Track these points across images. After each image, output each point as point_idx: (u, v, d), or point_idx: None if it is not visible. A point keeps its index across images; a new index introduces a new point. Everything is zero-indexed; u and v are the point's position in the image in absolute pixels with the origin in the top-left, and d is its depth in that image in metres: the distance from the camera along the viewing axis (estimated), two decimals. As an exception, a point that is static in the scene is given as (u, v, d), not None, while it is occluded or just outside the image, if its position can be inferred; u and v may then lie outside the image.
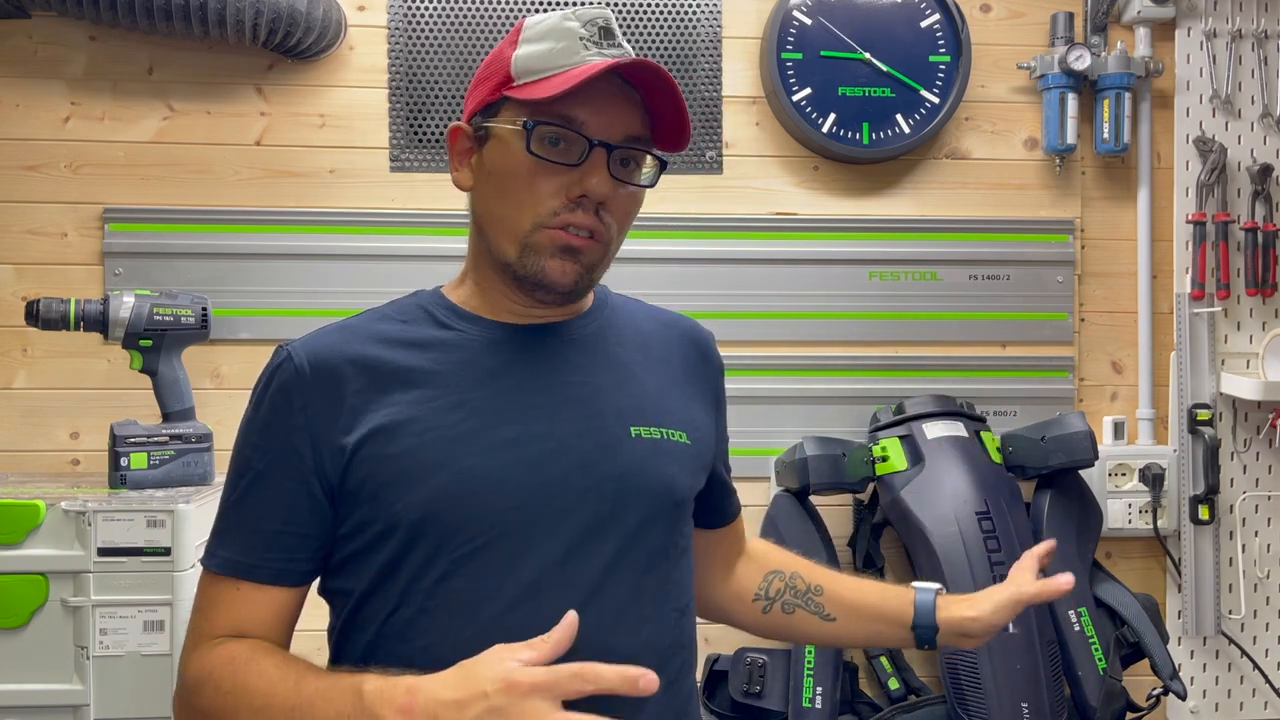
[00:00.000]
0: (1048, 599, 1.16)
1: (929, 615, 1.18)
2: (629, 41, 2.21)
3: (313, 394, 1.01)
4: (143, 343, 1.90)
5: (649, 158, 1.05)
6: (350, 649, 1.02)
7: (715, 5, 2.26)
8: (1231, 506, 2.34)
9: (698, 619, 1.24)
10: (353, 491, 0.99)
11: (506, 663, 0.81)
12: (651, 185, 1.07)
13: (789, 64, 2.22)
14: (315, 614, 1.06)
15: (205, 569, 1.03)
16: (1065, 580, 1.14)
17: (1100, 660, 2.05)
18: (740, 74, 2.29)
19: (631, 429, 1.04)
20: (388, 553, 0.98)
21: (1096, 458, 2.13)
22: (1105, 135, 2.29)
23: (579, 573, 0.98)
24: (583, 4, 2.23)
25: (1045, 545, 1.22)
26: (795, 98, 2.22)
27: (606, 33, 1.02)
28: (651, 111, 1.04)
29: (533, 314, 1.08)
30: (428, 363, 1.03)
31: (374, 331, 1.06)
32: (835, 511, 2.25)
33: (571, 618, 0.84)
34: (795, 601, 1.23)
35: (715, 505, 1.23)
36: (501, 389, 1.02)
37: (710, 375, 1.20)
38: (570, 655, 0.95)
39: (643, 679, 0.80)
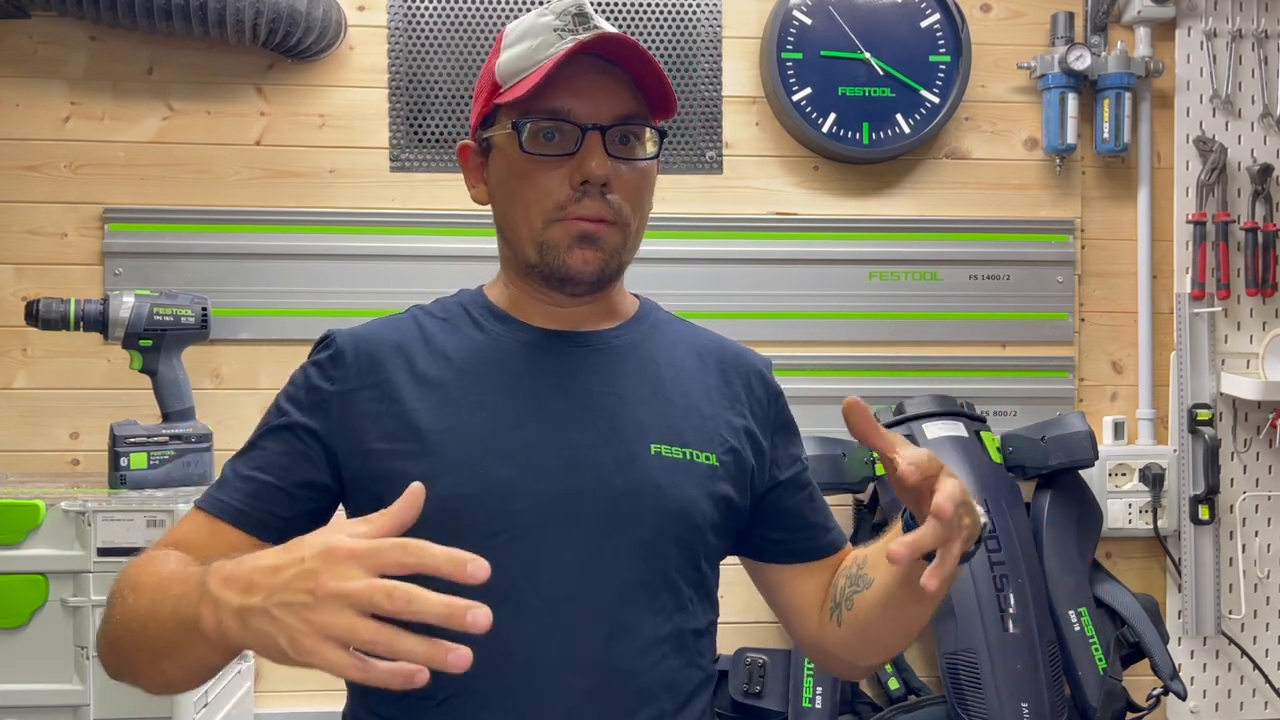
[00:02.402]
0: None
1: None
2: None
3: (349, 372, 1.03)
4: (143, 343, 1.90)
5: (648, 131, 1.05)
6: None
7: (715, 5, 2.26)
8: (1231, 506, 2.34)
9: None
10: (372, 480, 1.00)
11: (335, 534, 0.74)
12: (654, 158, 1.06)
13: (789, 64, 2.22)
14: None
15: (195, 505, 1.03)
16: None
17: (1100, 660, 2.05)
18: (740, 74, 2.29)
19: (652, 446, 1.02)
20: None
21: (1096, 458, 2.13)
22: (1105, 135, 2.29)
23: (590, 585, 0.98)
24: None
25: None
26: (795, 98, 2.22)
27: (581, 18, 1.02)
28: (641, 84, 1.03)
29: (566, 315, 1.08)
30: (459, 362, 1.04)
31: (415, 327, 1.08)
32: (835, 511, 2.19)
33: (417, 489, 0.76)
34: (850, 589, 1.07)
35: (793, 542, 1.15)
36: (525, 392, 1.03)
37: (758, 399, 1.14)
38: (576, 671, 0.95)
39: (471, 564, 0.70)
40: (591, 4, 2.21)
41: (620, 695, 0.98)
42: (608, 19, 2.22)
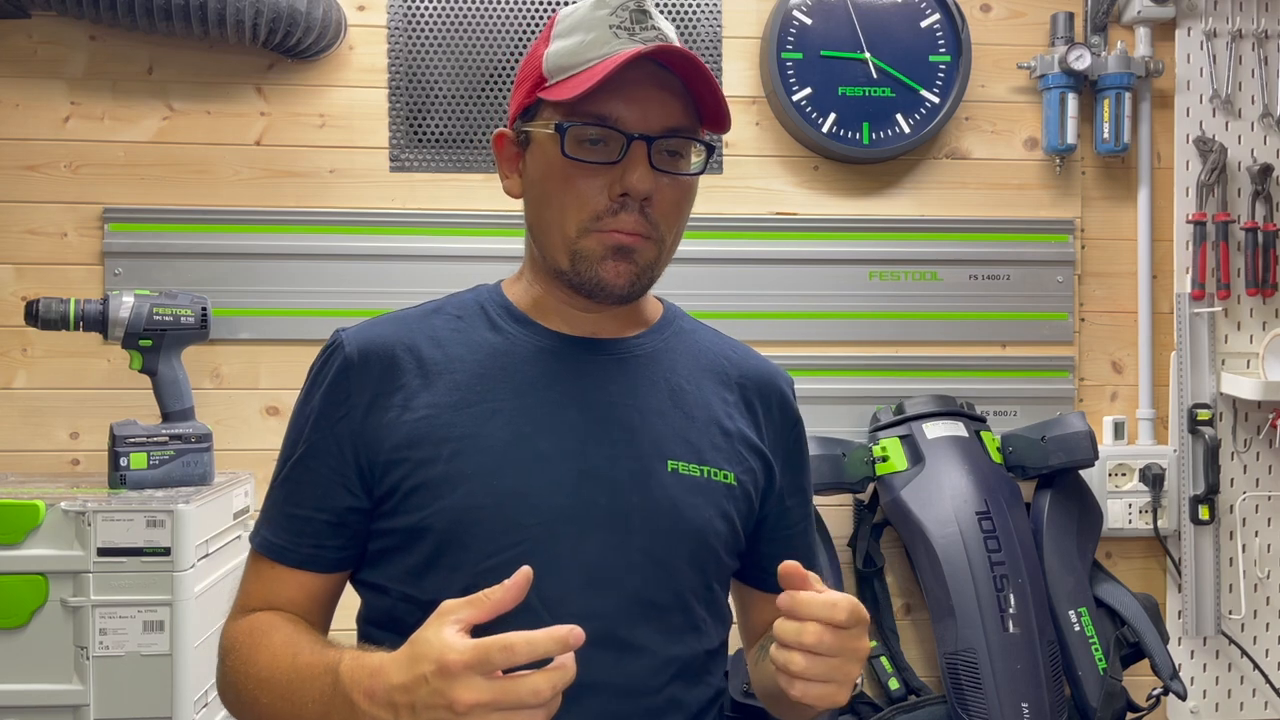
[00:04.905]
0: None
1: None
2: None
3: (362, 383, 1.00)
4: (142, 343, 1.89)
5: (695, 144, 1.00)
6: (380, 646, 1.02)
7: (715, 5, 2.26)
8: (1231, 506, 2.34)
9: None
10: (389, 490, 0.99)
11: (443, 635, 0.77)
12: (700, 173, 1.02)
13: (789, 64, 2.22)
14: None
15: (250, 544, 1.05)
16: None
17: (1100, 660, 2.05)
18: (740, 74, 2.29)
19: (669, 463, 1.00)
20: (417, 556, 0.98)
21: (1096, 458, 2.13)
22: (1105, 135, 2.29)
23: (601, 602, 0.96)
24: None
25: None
26: (795, 98, 2.22)
27: (640, 15, 0.97)
28: (695, 95, 0.99)
29: (588, 321, 1.05)
30: (474, 365, 1.01)
31: (427, 326, 1.04)
32: (835, 511, 2.25)
33: (525, 573, 0.80)
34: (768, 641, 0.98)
35: (767, 566, 1.05)
36: (541, 401, 1.00)
37: (775, 423, 1.10)
38: (585, 689, 0.88)
39: (572, 634, 0.76)
40: None
41: (629, 714, 0.97)
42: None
